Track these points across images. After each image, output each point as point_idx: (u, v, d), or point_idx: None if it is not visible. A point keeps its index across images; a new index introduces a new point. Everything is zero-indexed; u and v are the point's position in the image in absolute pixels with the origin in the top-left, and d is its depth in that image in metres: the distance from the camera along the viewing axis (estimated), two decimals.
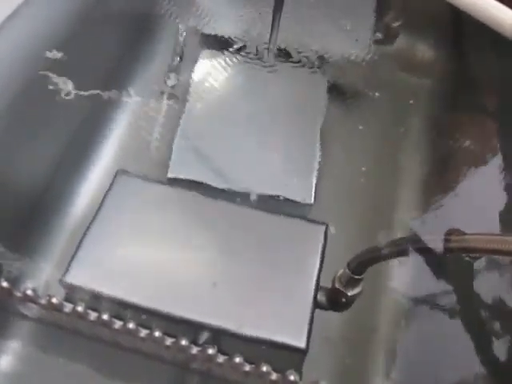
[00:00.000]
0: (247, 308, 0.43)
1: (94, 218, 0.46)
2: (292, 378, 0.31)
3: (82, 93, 0.56)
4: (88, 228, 0.46)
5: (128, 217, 0.47)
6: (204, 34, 0.60)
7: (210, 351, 0.33)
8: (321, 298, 0.45)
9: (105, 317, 0.33)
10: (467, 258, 0.48)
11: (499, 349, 0.46)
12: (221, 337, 0.41)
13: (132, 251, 0.45)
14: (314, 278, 0.45)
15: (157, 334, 0.32)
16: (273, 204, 0.50)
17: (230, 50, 0.59)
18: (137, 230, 0.46)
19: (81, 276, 0.43)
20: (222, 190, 0.50)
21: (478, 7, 0.35)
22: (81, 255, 0.44)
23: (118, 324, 0.33)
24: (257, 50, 0.59)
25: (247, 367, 0.32)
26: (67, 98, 0.55)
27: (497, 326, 0.47)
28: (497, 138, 0.59)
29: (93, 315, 0.33)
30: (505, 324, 0.46)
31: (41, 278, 0.45)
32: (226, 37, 0.59)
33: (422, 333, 0.49)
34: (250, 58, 0.59)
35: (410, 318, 0.50)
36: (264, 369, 0.31)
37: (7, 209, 0.49)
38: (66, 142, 0.57)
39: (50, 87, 0.55)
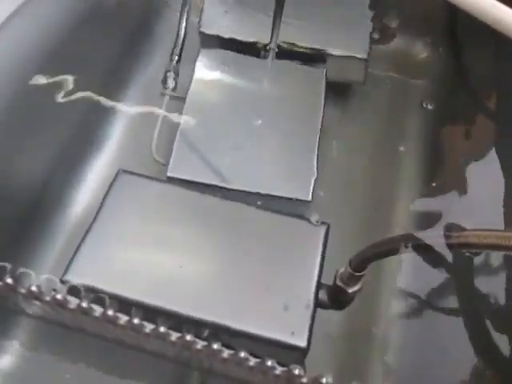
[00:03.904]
0: (248, 306, 0.43)
1: (96, 216, 0.47)
2: (297, 372, 0.31)
3: (81, 93, 0.56)
4: (89, 226, 0.46)
5: (129, 215, 0.47)
6: (203, 33, 0.60)
7: (215, 346, 0.33)
8: (322, 296, 0.45)
9: (110, 312, 0.33)
10: (467, 254, 0.48)
11: (500, 347, 0.46)
12: (221, 335, 0.41)
13: (133, 249, 0.45)
14: (315, 277, 0.45)
15: (162, 329, 0.33)
16: (271, 202, 0.50)
17: (230, 49, 0.59)
18: (138, 229, 0.46)
19: (82, 274, 0.43)
20: (222, 189, 0.51)
21: (484, 10, 0.35)
22: (82, 253, 0.44)
23: (123, 319, 0.33)
24: (257, 50, 0.59)
25: (252, 362, 0.32)
26: (67, 97, 0.56)
27: (498, 323, 0.47)
28: (495, 138, 0.60)
29: (98, 311, 0.33)
30: (505, 321, 0.47)
31: (42, 277, 0.45)
32: (226, 36, 0.60)
33: (422, 331, 0.49)
34: (250, 58, 0.59)
35: (410, 315, 0.50)
36: (269, 363, 0.32)
37: (8, 208, 0.49)
38: (65, 141, 0.57)
39: (50, 87, 0.55)
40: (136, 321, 0.33)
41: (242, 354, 0.33)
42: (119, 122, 0.62)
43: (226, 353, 0.33)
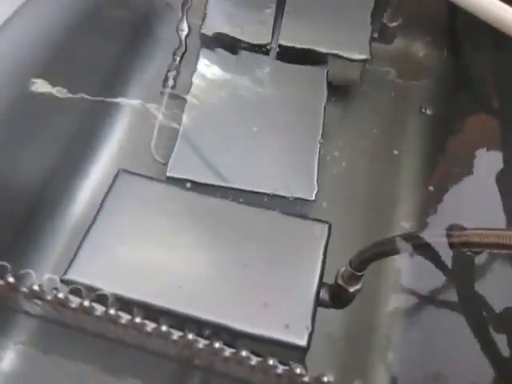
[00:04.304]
0: (249, 305, 0.43)
1: (96, 216, 0.46)
2: (298, 371, 0.31)
3: (80, 93, 0.56)
4: (89, 226, 0.46)
5: (130, 215, 0.47)
6: (204, 33, 0.60)
7: (217, 345, 0.33)
8: (323, 295, 0.45)
9: (111, 311, 0.33)
10: (468, 253, 0.48)
11: (501, 345, 0.46)
12: (222, 334, 0.41)
13: (134, 249, 0.45)
14: (317, 276, 0.45)
15: (163, 328, 0.33)
16: (274, 202, 0.50)
17: (231, 49, 0.60)
18: (138, 228, 0.46)
19: (82, 273, 0.43)
20: (223, 189, 0.51)
21: (484, 8, 0.35)
22: (83, 253, 0.44)
23: (124, 319, 0.33)
24: (258, 49, 0.60)
25: (253, 361, 0.32)
26: (67, 97, 0.56)
27: (499, 321, 0.47)
28: (498, 137, 0.60)
29: (99, 310, 0.33)
30: (506, 319, 0.47)
31: (43, 276, 0.45)
32: (227, 36, 0.60)
33: (422, 329, 0.49)
34: (251, 57, 0.59)
35: (411, 314, 0.51)
36: (270, 362, 0.32)
37: (9, 208, 0.49)
38: (66, 142, 0.57)
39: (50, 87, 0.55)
40: (137, 320, 0.33)
41: (244, 353, 0.33)
42: (119, 122, 0.62)
43: (228, 352, 0.33)
